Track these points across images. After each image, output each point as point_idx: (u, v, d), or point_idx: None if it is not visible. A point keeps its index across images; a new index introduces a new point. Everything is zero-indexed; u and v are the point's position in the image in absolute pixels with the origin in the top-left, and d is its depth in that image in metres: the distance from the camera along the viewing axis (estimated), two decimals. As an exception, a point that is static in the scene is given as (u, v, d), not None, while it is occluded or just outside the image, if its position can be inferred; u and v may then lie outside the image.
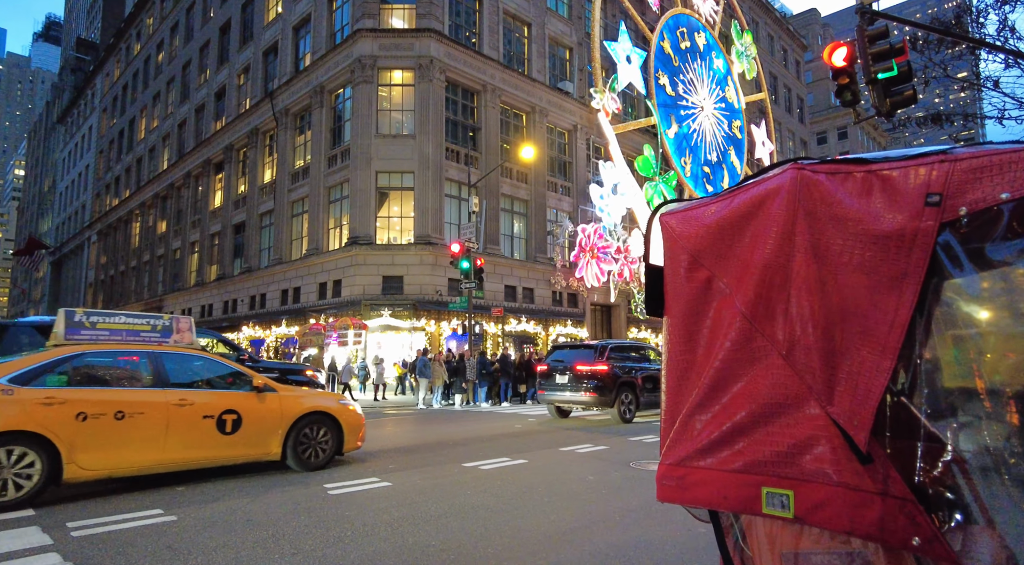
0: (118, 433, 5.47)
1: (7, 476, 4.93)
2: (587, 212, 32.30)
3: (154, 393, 5.83)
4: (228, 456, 6.24)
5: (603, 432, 10.37)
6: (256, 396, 6.48)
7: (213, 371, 6.57)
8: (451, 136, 27.56)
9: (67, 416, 5.24)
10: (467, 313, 19.99)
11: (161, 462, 5.78)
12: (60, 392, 5.32)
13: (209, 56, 39.36)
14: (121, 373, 6.00)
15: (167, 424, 5.75)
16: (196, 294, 37.05)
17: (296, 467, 6.66)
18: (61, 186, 69.93)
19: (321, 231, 27.85)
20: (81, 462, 5.26)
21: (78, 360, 5.65)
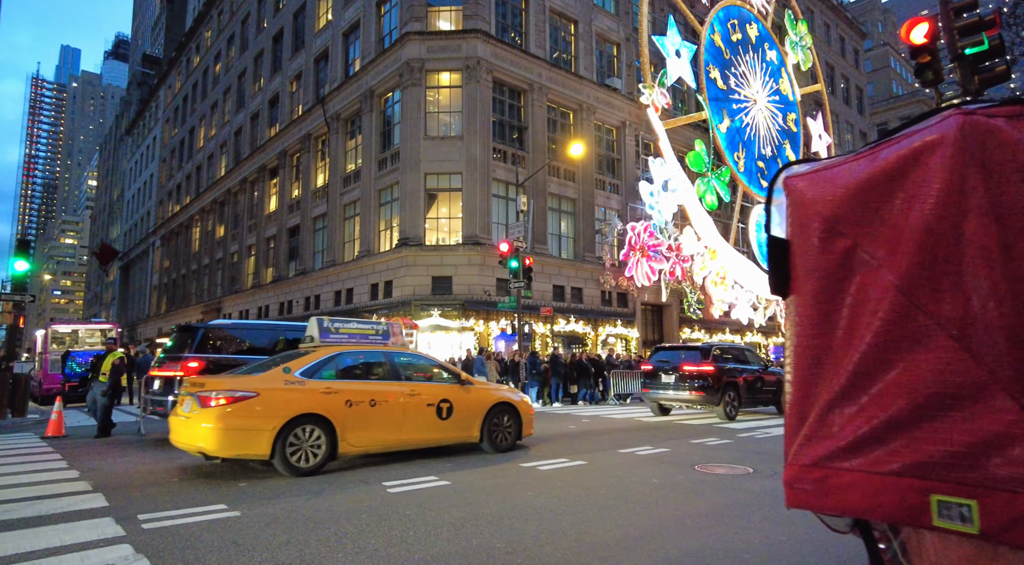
0: (372, 417, 6.70)
1: (305, 448, 6.21)
2: (636, 210, 31.72)
3: (393, 385, 7.11)
4: (444, 438, 7.45)
5: (663, 434, 10.04)
6: (462, 388, 7.67)
7: (426, 367, 7.93)
8: (498, 136, 27.54)
9: (340, 403, 6.47)
10: (516, 313, 19.85)
11: (399, 442, 7.01)
12: (334, 383, 6.63)
13: (263, 65, 40.61)
14: (368, 369, 7.27)
15: (404, 411, 6.98)
16: (253, 296, 38.22)
17: (488, 449, 7.78)
18: (128, 194, 73.57)
19: (372, 233, 28.27)
20: (349, 440, 6.50)
21: (340, 358, 7.00)
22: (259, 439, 5.95)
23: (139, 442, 9.15)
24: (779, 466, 6.69)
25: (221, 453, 6.00)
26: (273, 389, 6.22)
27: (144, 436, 9.88)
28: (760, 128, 38.86)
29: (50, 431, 9.72)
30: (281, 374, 6.43)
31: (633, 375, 20.49)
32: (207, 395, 6.00)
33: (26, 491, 5.35)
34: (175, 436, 6.32)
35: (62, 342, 20.96)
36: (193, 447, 6.06)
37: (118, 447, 8.50)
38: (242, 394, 6.00)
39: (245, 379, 6.32)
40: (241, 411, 5.92)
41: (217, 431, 5.82)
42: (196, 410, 5.98)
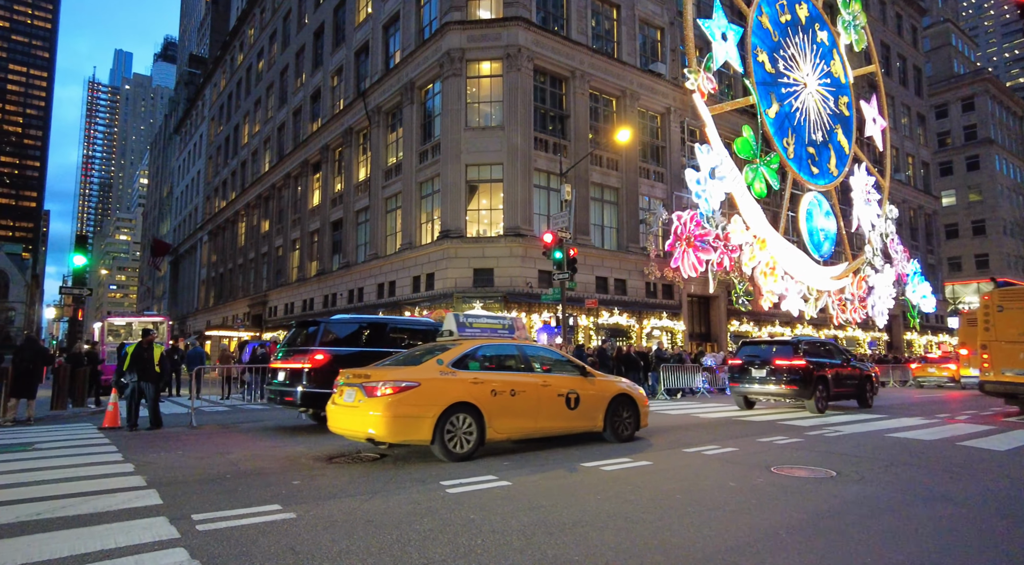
0: (513, 406, 7.08)
1: (460, 435, 6.63)
2: (682, 198, 30.85)
3: (529, 376, 7.51)
4: (572, 427, 7.76)
5: (725, 432, 9.52)
6: (587, 380, 8.01)
7: (553, 359, 8.25)
8: (539, 125, 27.07)
9: (486, 392, 6.89)
10: (560, 305, 19.44)
11: (536, 429, 7.38)
12: (480, 374, 7.07)
13: (304, 60, 41.00)
14: (505, 361, 7.68)
15: (539, 400, 7.35)
16: (298, 289, 38.80)
17: (611, 439, 8.08)
18: (177, 191, 75.83)
19: (414, 226, 28.22)
20: (495, 427, 6.86)
21: (481, 351, 7.44)
22: (422, 426, 6.41)
23: (191, 434, 9.14)
24: (864, 470, 6.22)
25: (389, 438, 6.44)
26: (431, 379, 6.67)
27: (196, 428, 9.89)
28: (810, 112, 37.30)
29: (107, 422, 9.82)
30: (435, 365, 6.89)
31: (684, 369, 19.85)
32: (373, 385, 6.46)
33: (83, 485, 5.27)
34: (335, 423, 6.84)
35: (117, 334, 21.56)
36: (360, 433, 6.54)
37: (171, 439, 8.48)
38: (406, 384, 6.45)
39: (404, 370, 6.79)
40: (406, 400, 6.37)
41: (386, 418, 6.26)
42: (362, 399, 6.44)
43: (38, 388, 11.01)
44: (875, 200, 41.01)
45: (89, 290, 16.23)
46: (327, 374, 8.77)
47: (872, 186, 40.80)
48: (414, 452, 7.31)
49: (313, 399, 8.99)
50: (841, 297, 37.90)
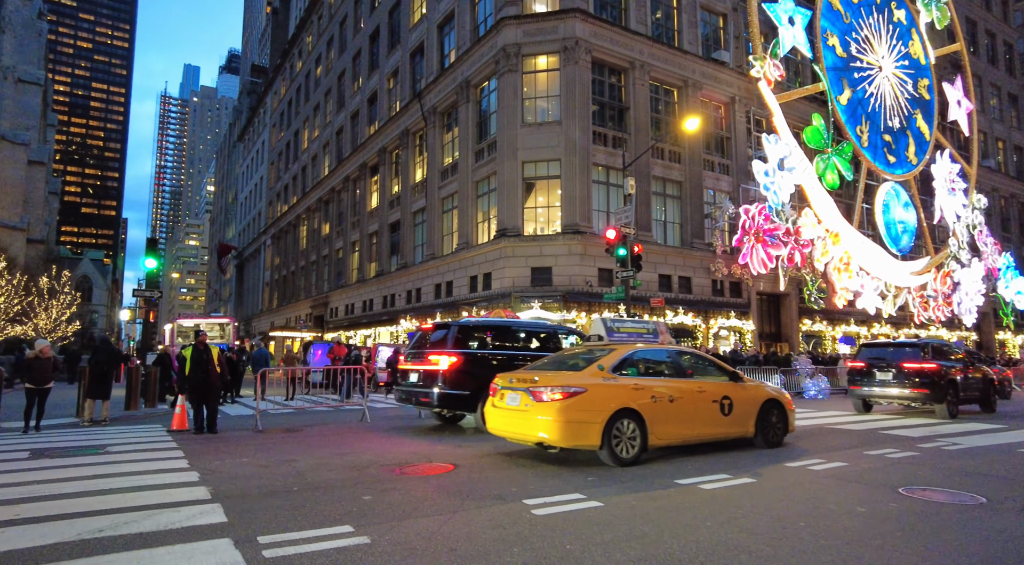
0: (672, 412, 7.01)
1: (625, 441, 6.60)
2: (749, 191, 29.41)
3: (684, 382, 7.43)
4: (725, 433, 7.61)
5: (823, 443, 8.62)
6: (738, 385, 7.85)
7: (702, 364, 8.13)
8: (598, 119, 26.30)
9: (647, 398, 6.85)
10: (624, 304, 18.66)
11: (693, 436, 7.28)
12: (639, 380, 7.02)
13: (361, 64, 41.51)
14: (658, 366, 7.56)
15: (695, 406, 7.26)
16: (358, 290, 39.28)
17: (762, 445, 7.91)
18: (241, 197, 78.64)
19: (470, 225, 27.95)
20: (656, 433, 6.81)
21: (636, 355, 7.36)
22: (591, 431, 6.41)
23: (256, 439, 8.96)
24: (1019, 495, 5.29)
25: (562, 443, 6.47)
26: (596, 385, 6.66)
27: (262, 432, 9.74)
28: (886, 97, 34.95)
29: (175, 424, 9.81)
30: (597, 371, 6.87)
31: (762, 372, 18.71)
32: (540, 390, 6.49)
33: (147, 497, 5.01)
34: (496, 426, 6.99)
35: (186, 336, 22.16)
36: (527, 437, 6.68)
37: (237, 444, 8.29)
38: (575, 390, 6.47)
39: (567, 375, 6.82)
40: (575, 405, 6.39)
41: (559, 424, 6.30)
42: (529, 403, 6.51)
43: (112, 388, 11.16)
44: (960, 189, 38.09)
45: (159, 292, 16.59)
46: (461, 375, 9.21)
47: (957, 174, 37.91)
48: (488, 461, 6.82)
49: (449, 400, 9.29)
50: (923, 294, 35.34)
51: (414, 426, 10.67)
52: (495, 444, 8.29)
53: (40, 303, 38.64)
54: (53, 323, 40.25)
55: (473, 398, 9.28)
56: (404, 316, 31.28)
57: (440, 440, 8.75)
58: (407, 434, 9.45)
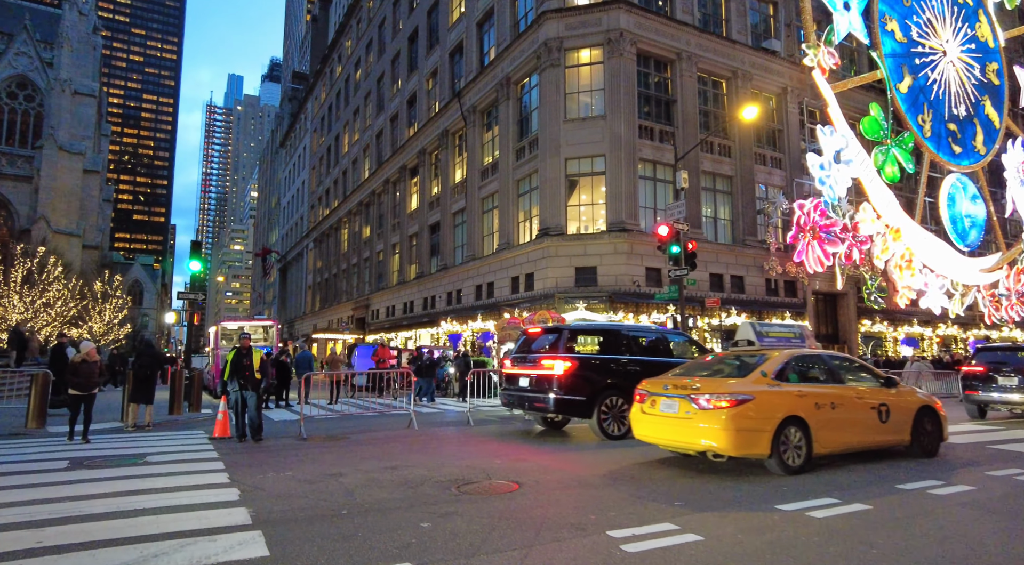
0: (833, 419, 6.84)
1: (792, 450, 6.48)
2: (803, 186, 28.02)
3: (842, 388, 7.21)
4: (884, 441, 7.46)
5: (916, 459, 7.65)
6: (892, 391, 7.60)
7: (855, 369, 7.90)
8: (643, 113, 25.40)
9: (810, 405, 6.68)
10: (678, 304, 17.73)
11: (853, 444, 7.13)
12: (802, 387, 6.89)
13: (400, 66, 41.44)
14: (811, 371, 7.37)
15: (855, 413, 7.09)
16: (398, 292, 39.16)
17: (918, 453, 7.63)
18: (284, 201, 80.00)
19: (511, 225, 27.37)
20: (820, 441, 6.65)
21: (794, 361, 7.19)
22: (761, 440, 6.28)
23: (301, 449, 8.49)
24: None
25: (731, 452, 6.31)
26: (763, 392, 6.52)
27: (306, 440, 9.28)
28: (951, 83, 32.89)
29: (217, 431, 9.44)
30: (761, 377, 6.72)
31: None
32: (704, 397, 6.36)
33: (182, 520, 4.51)
34: (646, 432, 6.93)
35: (231, 338, 22.17)
36: (689, 445, 6.56)
37: (280, 455, 7.82)
38: (743, 397, 6.32)
39: (731, 382, 6.68)
40: (744, 413, 6.25)
41: (729, 432, 6.15)
42: (691, 411, 6.38)
43: (155, 392, 10.91)
44: (1034, 180, 35.62)
45: (203, 295, 16.47)
46: (577, 380, 9.12)
47: (1031, 164, 35.47)
48: (553, 479, 6.14)
49: (565, 405, 9.17)
50: (994, 292, 33.11)
51: (464, 433, 10.08)
52: (554, 456, 7.62)
53: (94, 307, 39.74)
54: (106, 326, 41.36)
55: (588, 404, 9.20)
56: (445, 318, 30.90)
57: (496, 452, 8.12)
58: (458, 443, 8.87)
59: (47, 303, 32.08)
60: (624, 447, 8.49)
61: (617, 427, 9.34)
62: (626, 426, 9.15)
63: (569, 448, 8.66)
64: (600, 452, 8.10)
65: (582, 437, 9.78)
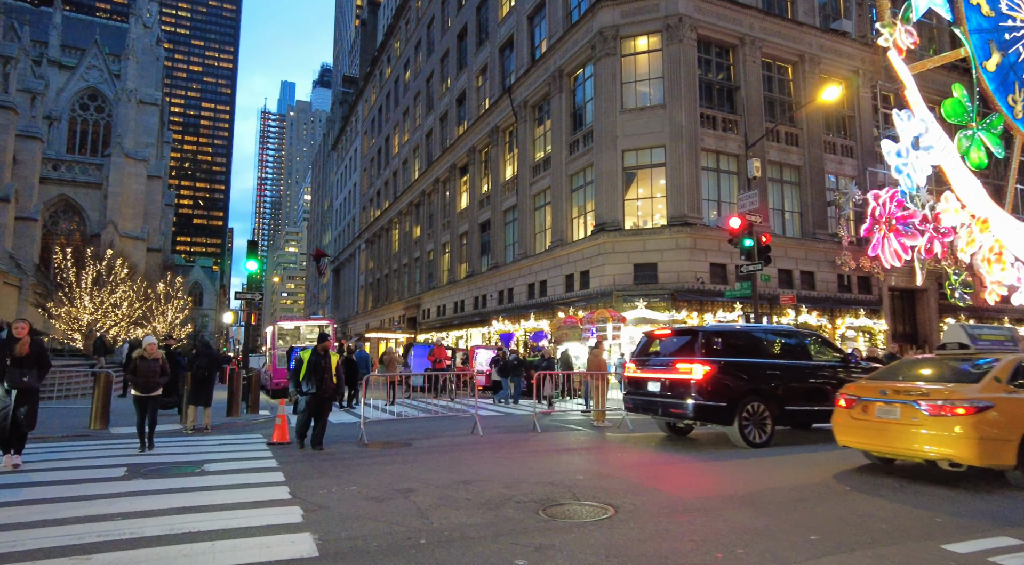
0: None
1: None
2: (878, 175, 26.22)
3: None
4: None
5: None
6: None
7: None
8: (705, 101, 24.20)
9: None
10: (750, 302, 16.60)
11: None
12: None
13: (449, 64, 41.19)
14: None
15: None
16: (449, 291, 38.91)
17: None
18: (336, 203, 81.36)
19: (565, 221, 26.59)
20: None
21: (1022, 364, 6.70)
22: (1006, 450, 6.00)
23: (363, 457, 7.99)
24: None
25: (974, 462, 6.01)
26: (1003, 399, 6.20)
27: (367, 446, 8.79)
28: (1043, 61, 30.22)
29: (276, 436, 9.06)
30: (995, 384, 6.36)
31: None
32: (933, 403, 6.13)
33: (238, 549, 3.96)
34: (857, 439, 6.82)
35: (287, 338, 22.20)
36: (913, 453, 6.32)
37: (343, 464, 7.31)
38: (983, 404, 6.04)
39: (964, 387, 6.32)
40: (987, 421, 5.98)
41: (972, 440, 5.90)
42: (918, 417, 6.16)
43: (213, 394, 10.67)
44: None
45: (260, 295, 16.37)
46: (718, 385, 8.73)
47: None
48: (647, 501, 5.39)
49: (706, 412, 8.73)
50: (1095, 287, 30.25)
51: (533, 441, 9.41)
52: (642, 471, 6.85)
53: (157, 307, 41.04)
54: (169, 326, 42.66)
55: (729, 410, 8.75)
56: (496, 317, 30.37)
57: (575, 464, 7.42)
58: (531, 453, 8.19)
59: (115, 304, 33.14)
60: (757, 457, 7.69)
61: (759, 434, 8.90)
62: (767, 434, 8.90)
63: (663, 460, 7.90)
64: (711, 465, 7.31)
65: (686, 446, 9.05)
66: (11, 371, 6.51)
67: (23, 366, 6.62)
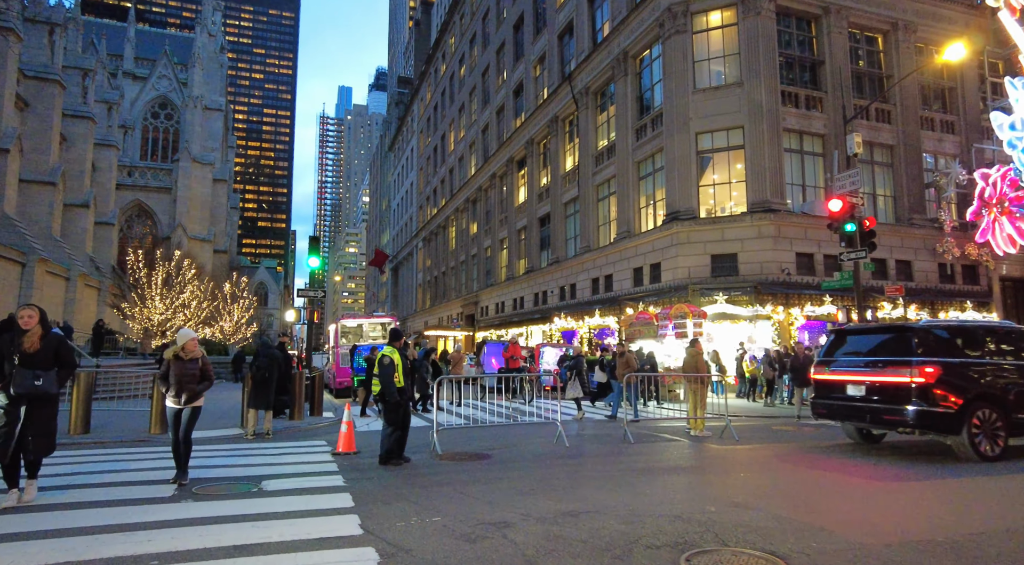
0: None
1: None
2: (985, 152, 23.65)
3: None
4: None
5: None
6: None
7: None
8: (785, 77, 22.27)
9: None
10: (855, 294, 14.82)
11: None
12: None
13: (505, 56, 40.22)
14: None
15: None
16: (507, 288, 38.00)
17: None
18: (394, 203, 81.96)
19: (631, 211, 25.13)
20: None
21: None
22: None
23: (440, 472, 7.02)
24: None
25: None
26: None
27: (441, 458, 7.82)
28: None
29: (341, 445, 8.20)
30: None
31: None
32: None
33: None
34: None
35: (349, 336, 21.74)
36: None
37: (417, 484, 6.32)
38: None
39: None
40: None
41: None
42: None
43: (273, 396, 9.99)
44: None
45: (323, 291, 15.81)
46: (943, 390, 7.79)
47: None
48: (832, 554, 4.14)
49: (929, 419, 7.75)
50: None
51: (632, 456, 8.22)
52: (791, 500, 5.58)
53: (224, 307, 41.91)
54: (235, 325, 43.57)
55: (957, 418, 7.75)
56: (558, 313, 29.18)
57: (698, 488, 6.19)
58: (638, 473, 6.99)
59: (183, 304, 33.86)
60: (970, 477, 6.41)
61: (991, 446, 7.81)
62: (1001, 446, 7.85)
63: (804, 480, 6.56)
64: (878, 488, 5.97)
65: (839, 460, 7.70)
66: (21, 372, 5.02)
67: (35, 366, 5.10)
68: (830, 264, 21.55)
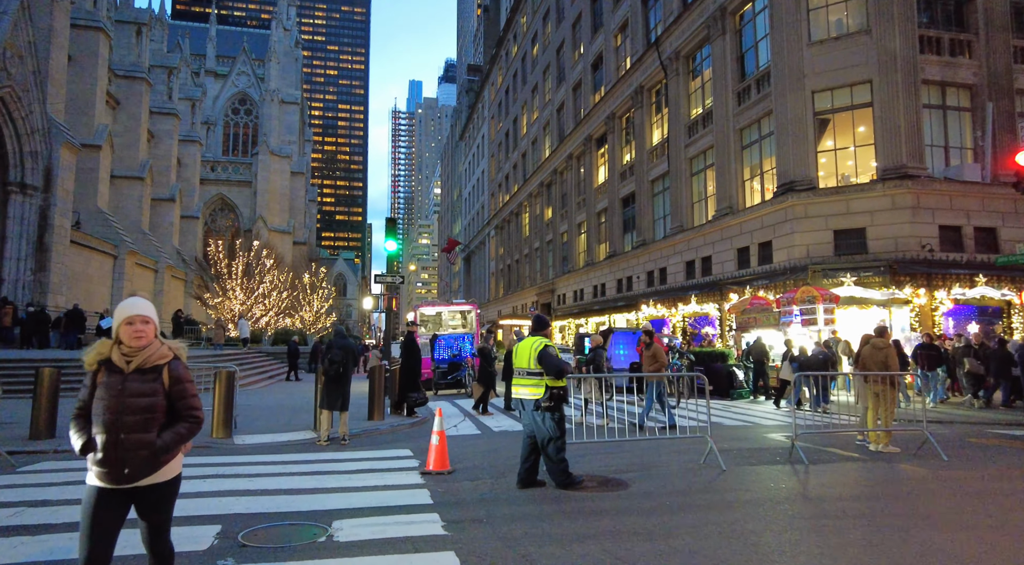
0: None
1: None
2: None
3: None
4: None
5: None
6: None
7: None
8: (923, 19, 18.91)
9: None
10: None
11: None
12: None
13: (582, 29, 37.86)
14: None
15: None
16: (586, 274, 35.92)
17: None
18: (465, 193, 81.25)
19: (734, 185, 22.45)
20: None
21: None
22: None
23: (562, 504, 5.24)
24: None
25: None
26: None
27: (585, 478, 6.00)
28: None
29: (432, 462, 6.49)
30: None
31: None
32: None
33: None
34: None
35: (427, 325, 20.48)
36: None
37: (543, 531, 4.54)
38: None
39: None
40: None
41: None
42: None
43: (350, 393, 8.52)
44: None
45: (401, 277, 14.42)
46: None
47: None
48: None
49: None
50: None
51: (814, 481, 6.15)
52: None
53: (304, 298, 42.10)
54: (315, 315, 43.77)
55: None
56: (645, 301, 26.78)
57: (961, 545, 4.11)
58: (840, 513, 4.97)
59: (263, 294, 33.91)
60: None
61: None
62: None
63: None
64: None
65: None
66: None
67: None
68: (982, 239, 18.24)
